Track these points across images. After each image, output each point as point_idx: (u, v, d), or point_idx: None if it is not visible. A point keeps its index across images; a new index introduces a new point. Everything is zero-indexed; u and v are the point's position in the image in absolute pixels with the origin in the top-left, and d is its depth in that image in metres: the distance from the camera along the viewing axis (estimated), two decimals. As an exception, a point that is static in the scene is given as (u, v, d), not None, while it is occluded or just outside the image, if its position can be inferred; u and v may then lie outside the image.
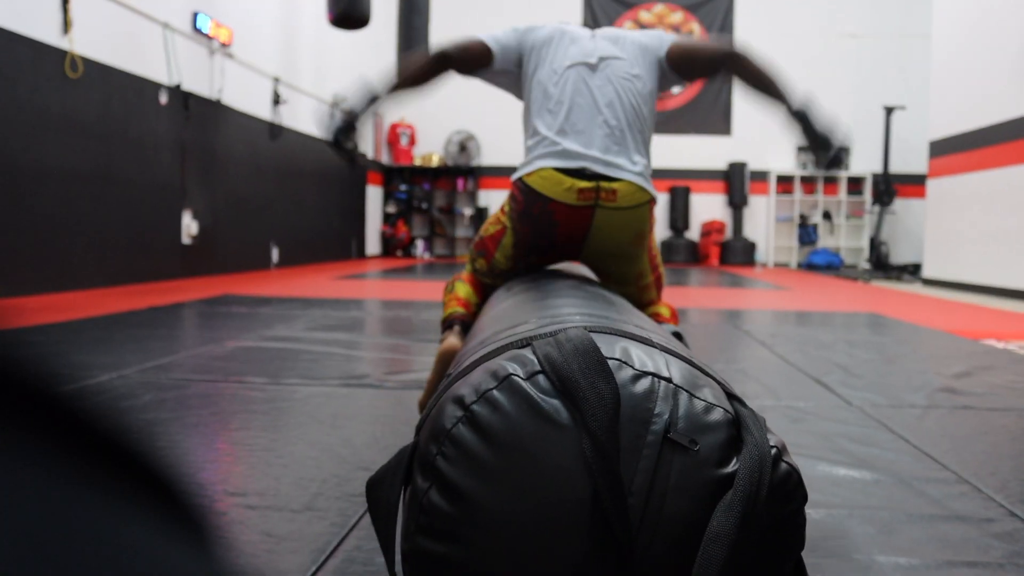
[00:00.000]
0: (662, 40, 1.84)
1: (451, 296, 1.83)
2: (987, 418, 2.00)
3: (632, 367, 0.73)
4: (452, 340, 1.63)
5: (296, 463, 1.49)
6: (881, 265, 9.54)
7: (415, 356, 2.73)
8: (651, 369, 0.74)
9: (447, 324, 1.76)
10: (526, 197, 1.70)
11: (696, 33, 11.00)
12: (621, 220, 1.71)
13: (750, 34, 10.93)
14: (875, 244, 9.78)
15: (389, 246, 10.89)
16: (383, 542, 0.76)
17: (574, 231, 1.71)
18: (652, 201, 1.75)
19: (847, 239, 10.98)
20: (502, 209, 1.84)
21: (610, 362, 0.73)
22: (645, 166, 1.75)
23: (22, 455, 0.15)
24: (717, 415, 0.72)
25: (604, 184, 1.66)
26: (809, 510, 1.29)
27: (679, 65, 1.82)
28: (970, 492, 1.40)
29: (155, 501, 0.18)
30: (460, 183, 10.99)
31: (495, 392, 0.72)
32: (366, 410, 1.93)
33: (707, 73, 1.85)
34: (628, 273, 1.78)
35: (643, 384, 0.72)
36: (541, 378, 0.72)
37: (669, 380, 0.73)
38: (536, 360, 0.74)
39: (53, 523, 0.15)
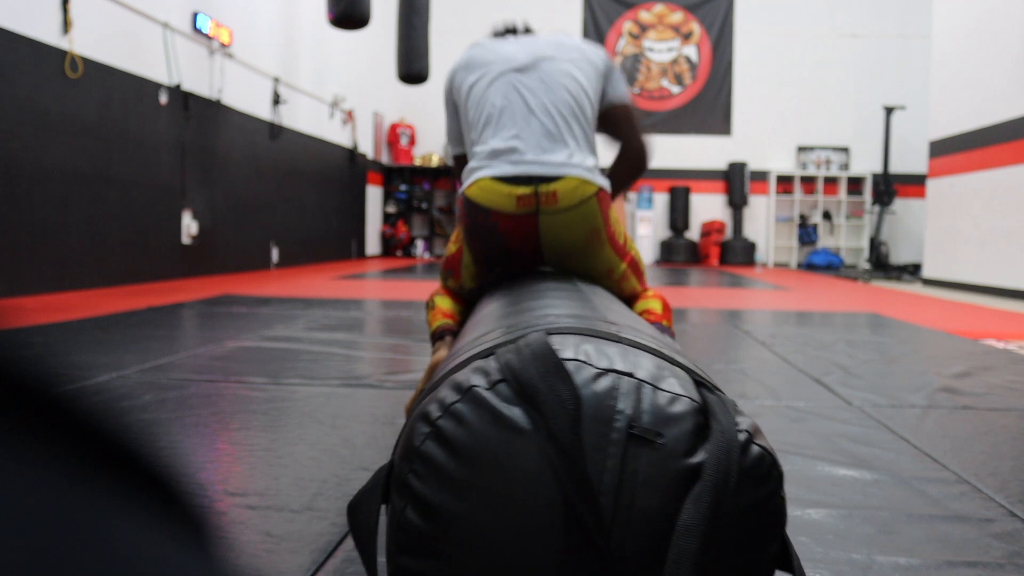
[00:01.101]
0: (610, 69, 1.84)
1: (434, 312, 1.81)
2: (987, 418, 2.00)
3: (592, 366, 0.73)
4: (442, 352, 1.61)
5: (296, 463, 1.49)
6: (881, 265, 9.55)
7: (415, 356, 2.73)
8: (612, 366, 0.74)
9: (437, 336, 1.73)
10: (469, 211, 1.68)
11: (696, 34, 11.01)
12: (568, 221, 1.64)
13: (750, 34, 10.94)
14: (875, 244, 9.78)
15: (389, 246, 10.90)
16: (366, 564, 0.77)
17: (524, 239, 1.66)
18: (601, 191, 1.68)
19: (847, 239, 10.98)
20: (459, 225, 1.81)
21: (570, 363, 0.73)
22: (588, 159, 1.70)
23: (22, 455, 0.15)
24: (682, 405, 0.72)
25: (542, 188, 1.62)
26: (809, 510, 1.29)
27: (609, 120, 1.87)
28: (970, 492, 1.40)
29: (155, 501, 0.18)
30: (460, 183, 10.98)
31: (459, 405, 0.72)
32: (366, 410, 1.93)
33: (612, 137, 1.90)
34: (594, 270, 1.71)
35: (604, 382, 0.72)
36: (503, 387, 0.72)
37: (631, 375, 0.73)
38: (498, 369, 0.74)
39: (53, 523, 0.15)
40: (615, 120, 1.87)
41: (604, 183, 1.70)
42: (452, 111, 1.91)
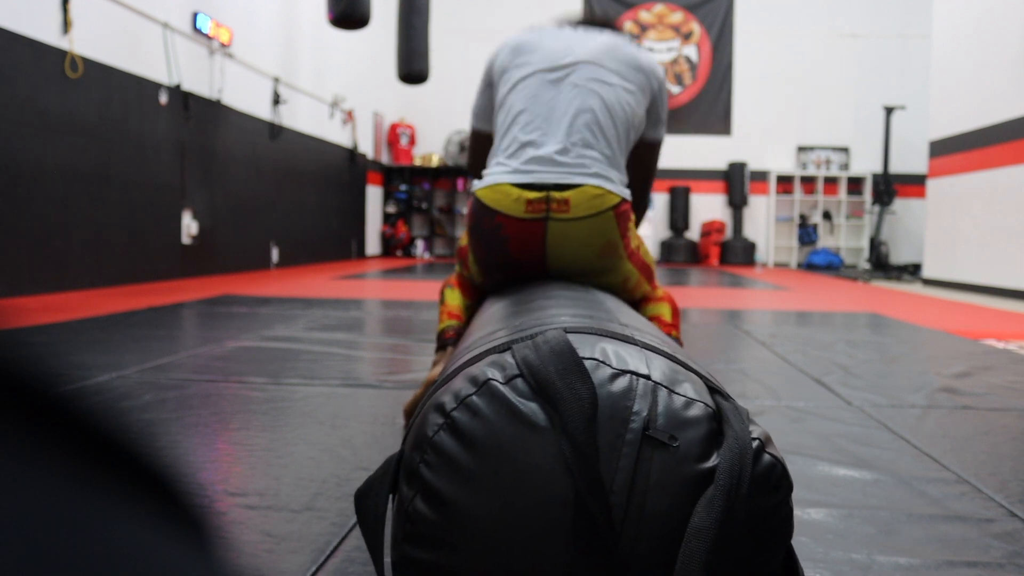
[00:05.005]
0: (658, 96, 1.78)
1: (443, 308, 1.78)
2: (987, 418, 2.00)
3: (610, 366, 0.73)
4: (441, 367, 1.58)
5: (296, 463, 1.49)
6: (881, 265, 9.55)
7: (415, 356, 2.73)
8: (629, 367, 0.74)
9: (441, 344, 1.71)
10: (477, 211, 1.63)
11: (696, 34, 11.00)
12: (579, 232, 1.57)
13: (750, 34, 10.93)
14: (875, 244, 9.78)
15: (389, 246, 10.90)
16: (372, 552, 0.77)
17: (528, 247, 1.59)
18: (621, 203, 1.60)
19: (847, 239, 10.98)
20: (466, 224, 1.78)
21: (588, 362, 0.73)
22: (611, 171, 1.63)
23: (22, 455, 0.15)
24: (697, 410, 0.72)
25: (555, 194, 1.55)
26: (809, 510, 1.29)
27: (634, 154, 1.84)
28: (970, 492, 1.40)
29: (155, 501, 0.18)
30: (460, 183, 10.99)
31: (475, 398, 0.72)
32: (366, 410, 1.93)
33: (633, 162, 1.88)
34: (610, 284, 1.64)
35: (621, 383, 0.72)
36: (519, 382, 0.72)
37: (648, 377, 0.73)
38: (515, 364, 0.74)
39: (53, 523, 0.15)
40: (639, 158, 1.85)
41: (627, 194, 1.64)
42: (485, 88, 1.86)
